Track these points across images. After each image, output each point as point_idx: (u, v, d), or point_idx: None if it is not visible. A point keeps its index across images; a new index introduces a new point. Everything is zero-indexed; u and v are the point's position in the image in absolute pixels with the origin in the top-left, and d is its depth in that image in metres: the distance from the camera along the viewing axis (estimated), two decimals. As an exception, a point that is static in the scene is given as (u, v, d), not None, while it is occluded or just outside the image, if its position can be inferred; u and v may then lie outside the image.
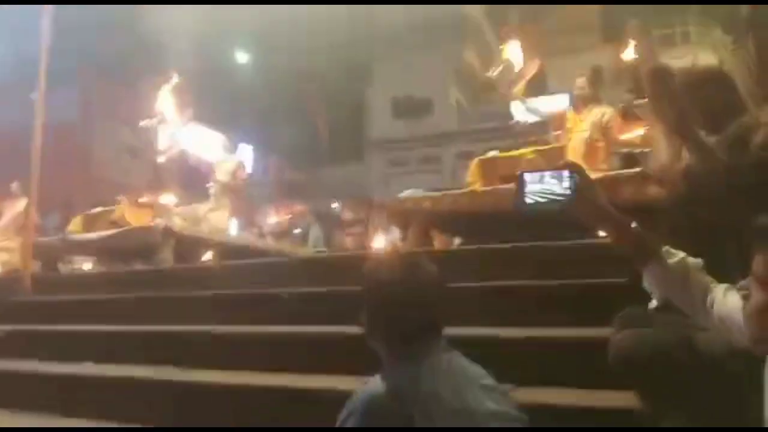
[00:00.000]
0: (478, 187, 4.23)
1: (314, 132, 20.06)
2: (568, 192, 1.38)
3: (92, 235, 5.59)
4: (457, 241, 5.73)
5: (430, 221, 4.30)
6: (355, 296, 2.17)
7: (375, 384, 1.32)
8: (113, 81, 16.56)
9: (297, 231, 11.17)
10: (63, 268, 6.66)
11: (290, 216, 12.37)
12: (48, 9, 5.00)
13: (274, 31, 13.92)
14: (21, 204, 7.27)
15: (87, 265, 6.26)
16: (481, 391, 1.32)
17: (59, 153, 10.99)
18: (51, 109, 5.37)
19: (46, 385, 3.09)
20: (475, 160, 4.51)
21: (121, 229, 5.39)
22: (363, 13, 17.03)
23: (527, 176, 1.41)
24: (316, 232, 10.49)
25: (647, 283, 1.40)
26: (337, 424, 1.27)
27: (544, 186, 1.40)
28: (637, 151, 3.86)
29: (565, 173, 1.39)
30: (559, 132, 4.85)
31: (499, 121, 18.36)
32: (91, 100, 16.19)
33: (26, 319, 4.09)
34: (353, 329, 2.45)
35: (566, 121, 4.81)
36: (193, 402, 2.63)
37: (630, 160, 4.00)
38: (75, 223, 6.13)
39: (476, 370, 1.39)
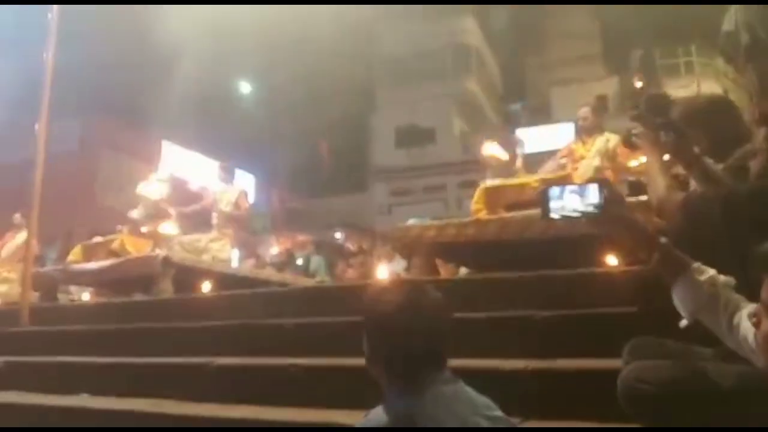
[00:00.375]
0: (482, 215, 4.19)
1: (317, 161, 20.19)
2: (596, 205, 1.39)
3: (92, 265, 5.55)
4: (462, 270, 5.67)
5: (435, 250, 4.25)
6: (358, 326, 2.12)
7: (377, 415, 1.29)
8: (116, 112, 16.77)
9: (299, 262, 11.14)
10: (63, 298, 6.61)
11: (292, 246, 12.36)
12: (52, 41, 5.07)
13: (278, 61, 14.13)
14: (23, 235, 7.28)
15: (85, 295, 6.21)
16: (488, 422, 1.29)
17: (61, 183, 11.07)
18: (53, 139, 5.39)
19: (42, 417, 3.05)
20: (480, 188, 4.48)
21: (120, 259, 5.37)
22: (367, 43, 17.29)
23: (551, 191, 1.42)
24: (317, 262, 10.46)
25: (676, 300, 1.39)
26: None
27: (570, 200, 1.41)
28: (645, 178, 3.84)
29: (594, 187, 1.41)
30: (564, 160, 4.85)
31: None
32: (93, 130, 16.35)
33: (23, 350, 4.03)
34: (355, 361, 2.41)
35: (572, 150, 4.84)
36: None
37: (638, 187, 3.98)
38: (75, 253, 6.10)
39: (483, 401, 1.35)
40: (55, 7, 5.11)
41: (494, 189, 4.44)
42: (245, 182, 13.41)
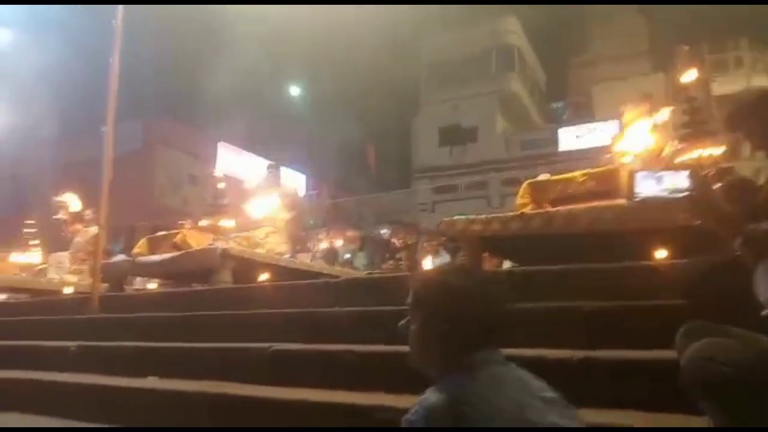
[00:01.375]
0: (528, 209, 4.23)
1: (364, 160, 20.44)
2: (685, 189, 1.50)
3: (156, 257, 5.86)
4: (506, 264, 5.71)
5: (481, 244, 4.30)
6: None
7: (433, 397, 1.27)
8: (175, 113, 17.50)
9: (347, 256, 11.35)
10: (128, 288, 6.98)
11: (340, 241, 12.59)
12: (117, 46, 5.37)
13: (327, 65, 14.39)
14: (92, 230, 7.74)
15: (151, 285, 6.55)
16: (543, 403, 1.27)
17: (125, 181, 11.63)
18: (117, 139, 5.71)
19: (112, 398, 3.25)
20: (525, 183, 4.52)
21: (182, 252, 5.64)
22: (411, 45, 17.37)
23: (640, 175, 1.53)
24: (362, 257, 10.64)
25: (756, 284, 1.42)
26: None
27: (659, 183, 1.55)
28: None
29: (684, 173, 1.53)
30: (608, 155, 4.84)
31: (544, 149, 18.38)
32: (154, 130, 17.08)
33: (94, 335, 4.29)
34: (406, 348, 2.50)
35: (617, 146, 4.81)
36: (249, 417, 2.71)
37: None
38: (140, 246, 6.44)
39: (537, 383, 1.34)
40: (120, 12, 5.41)
41: (540, 184, 4.47)
42: (297, 181, 13.71)
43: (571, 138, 18.17)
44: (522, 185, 4.55)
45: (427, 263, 7.15)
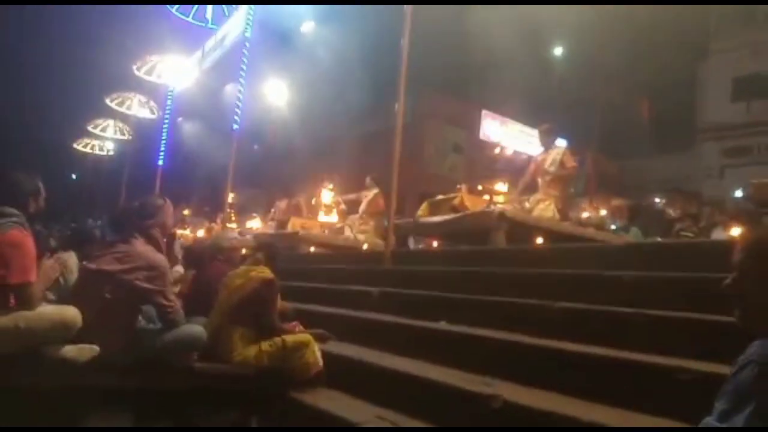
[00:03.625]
0: None
1: (635, 121, 18.67)
2: None
3: (437, 218, 6.45)
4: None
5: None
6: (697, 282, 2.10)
7: None
8: (440, 86, 18.51)
9: (613, 227, 10.76)
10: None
11: (604, 211, 11.98)
12: (407, 30, 5.92)
13: (596, 16, 13.40)
14: (372, 193, 8.91)
15: (434, 244, 7.24)
16: None
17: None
18: (391, 115, 6.31)
19: (407, 334, 3.76)
20: None
21: (461, 213, 6.10)
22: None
23: None
24: (634, 233, 9.95)
25: None
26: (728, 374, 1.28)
27: None
28: None
29: None
30: None
31: None
32: (422, 103, 18.38)
33: (389, 283, 4.96)
34: (695, 315, 2.37)
35: None
36: (543, 364, 2.88)
37: None
38: (423, 209, 7.15)
39: None
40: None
41: None
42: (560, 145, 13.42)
43: None
44: None
45: (721, 235, 6.36)
